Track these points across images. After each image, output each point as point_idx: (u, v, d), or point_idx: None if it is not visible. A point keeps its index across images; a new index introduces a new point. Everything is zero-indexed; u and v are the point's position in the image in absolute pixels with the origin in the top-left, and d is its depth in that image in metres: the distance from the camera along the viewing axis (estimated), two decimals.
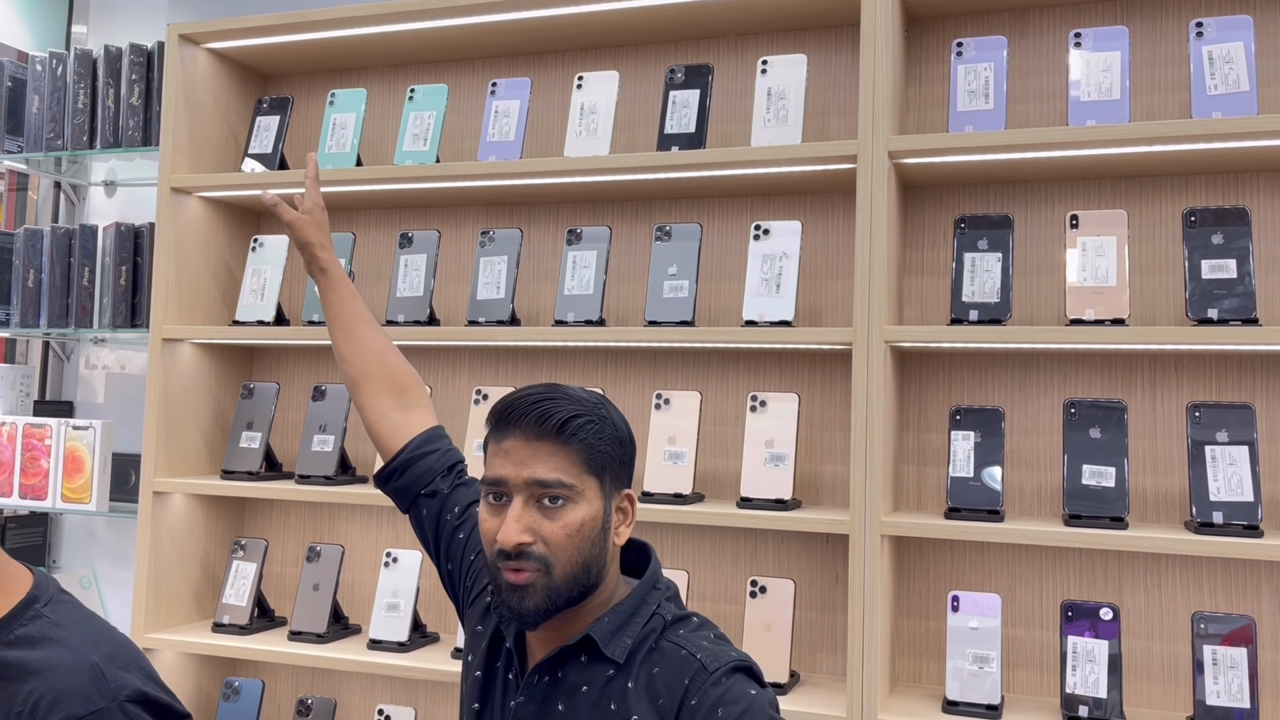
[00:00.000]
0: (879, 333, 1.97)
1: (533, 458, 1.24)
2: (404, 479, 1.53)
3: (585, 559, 1.25)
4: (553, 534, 1.23)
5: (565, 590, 1.24)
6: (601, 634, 1.28)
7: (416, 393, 1.59)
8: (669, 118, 2.25)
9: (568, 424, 1.25)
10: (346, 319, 1.60)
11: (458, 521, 1.49)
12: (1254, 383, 2.00)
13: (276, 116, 2.61)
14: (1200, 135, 1.85)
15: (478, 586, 1.46)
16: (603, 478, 1.27)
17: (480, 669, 1.39)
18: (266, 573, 2.57)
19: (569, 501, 1.24)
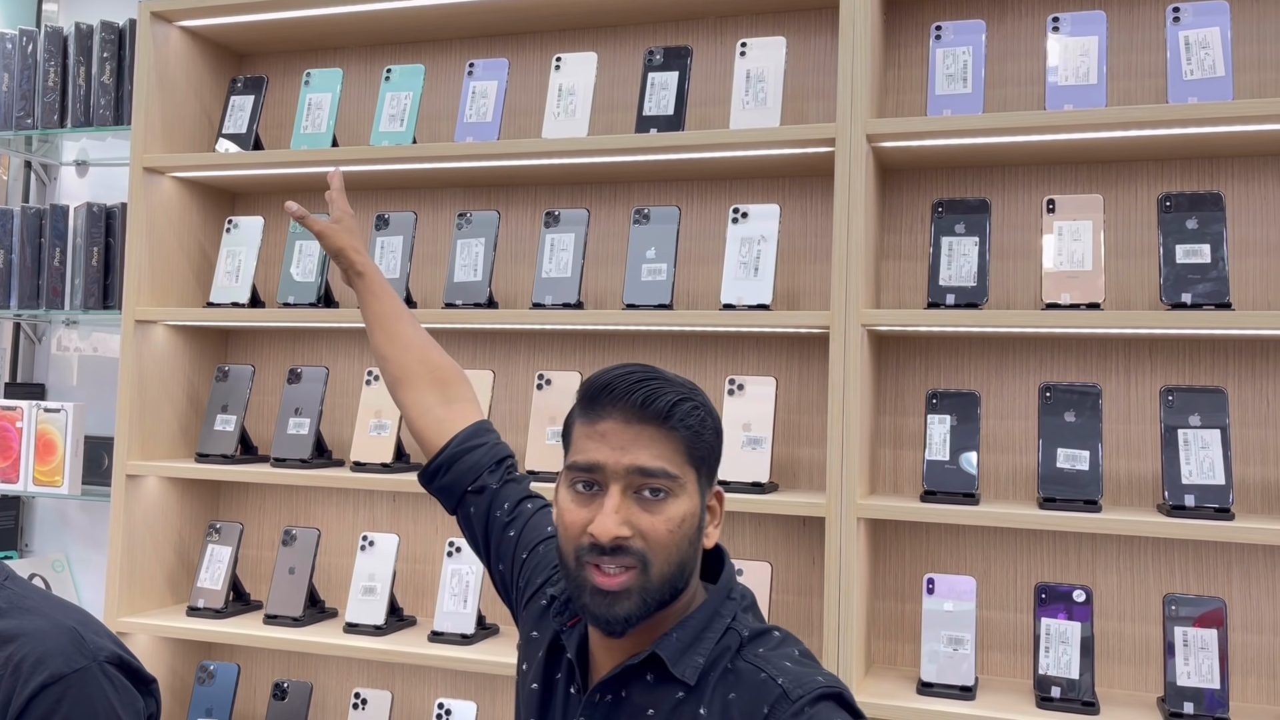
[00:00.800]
0: (856, 316, 1.98)
1: (634, 442, 1.12)
2: (449, 476, 1.42)
3: (681, 560, 1.13)
4: (653, 529, 1.11)
5: (659, 594, 1.12)
6: (670, 652, 1.14)
7: (460, 386, 1.51)
8: (647, 100, 2.23)
9: (676, 407, 1.13)
10: (387, 319, 1.53)
11: (508, 518, 1.39)
12: (1227, 367, 2.01)
13: (251, 96, 2.58)
14: (1176, 120, 1.85)
15: (531, 587, 1.34)
16: (701, 471, 1.16)
17: (538, 680, 1.26)
18: (242, 556, 2.56)
19: (671, 494, 1.12)
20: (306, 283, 2.46)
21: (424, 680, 2.46)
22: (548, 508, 1.39)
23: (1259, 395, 1.99)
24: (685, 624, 1.15)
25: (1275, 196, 2.01)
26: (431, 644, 2.23)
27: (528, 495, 1.42)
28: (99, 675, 1.19)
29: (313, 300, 2.44)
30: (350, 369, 2.62)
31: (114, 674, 1.21)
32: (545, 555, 1.35)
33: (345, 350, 2.64)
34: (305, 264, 2.47)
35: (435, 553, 2.48)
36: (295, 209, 1.57)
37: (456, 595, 2.28)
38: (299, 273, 2.48)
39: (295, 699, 2.37)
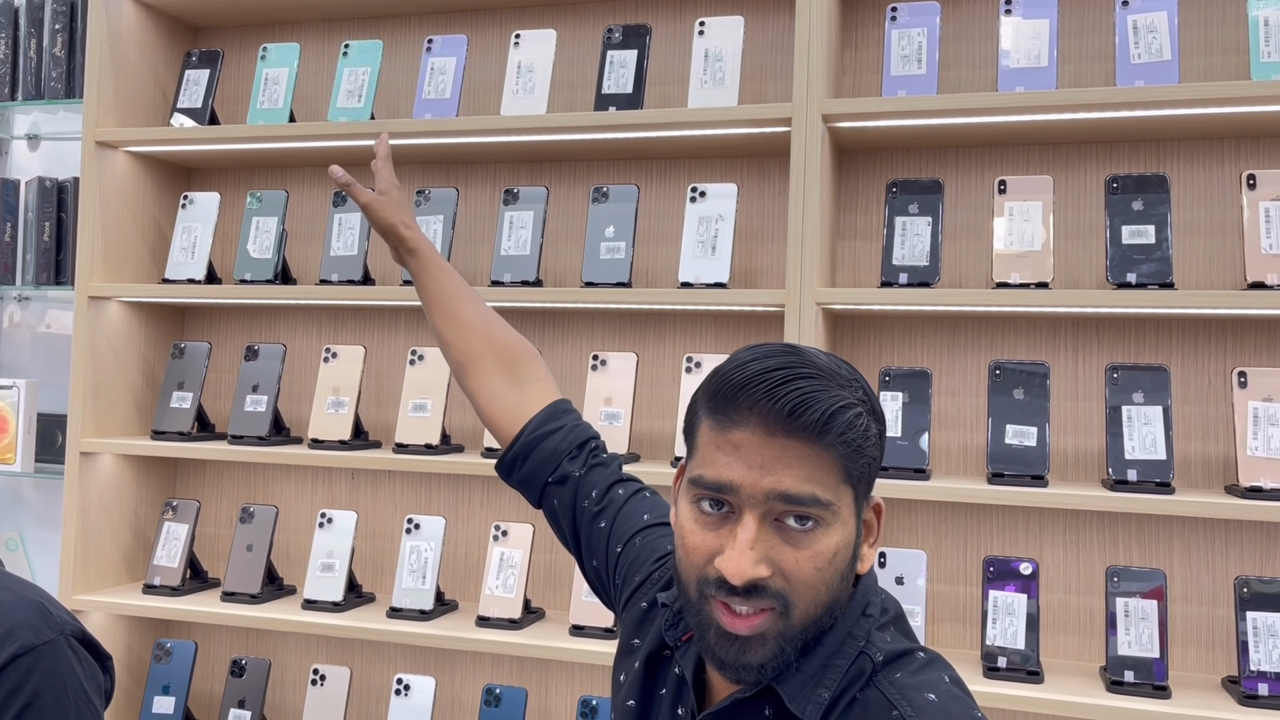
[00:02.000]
0: (811, 295, 2.00)
1: (777, 460, 0.90)
2: (527, 467, 1.27)
3: (831, 598, 0.93)
4: (797, 567, 0.91)
5: (800, 637, 0.93)
6: (789, 686, 0.95)
7: (531, 364, 1.35)
8: (606, 78, 2.24)
9: (833, 419, 0.90)
10: (445, 299, 1.37)
11: (597, 508, 1.22)
12: (1170, 345, 2.06)
13: (206, 70, 2.55)
14: (1123, 103, 1.89)
15: (630, 586, 1.17)
16: (859, 488, 0.95)
17: (635, 698, 1.09)
18: (199, 534, 2.55)
19: (821, 524, 0.91)
20: (263, 259, 2.45)
21: (383, 656, 2.47)
22: (642, 492, 1.25)
23: (1200, 373, 2.04)
24: (811, 653, 0.95)
25: (1218, 179, 2.05)
26: (390, 620, 2.24)
27: (618, 479, 1.25)
28: (65, 648, 1.19)
29: (270, 277, 2.43)
30: (308, 346, 2.61)
31: (78, 648, 1.22)
32: (644, 549, 1.18)
33: (303, 327, 2.62)
34: (262, 240, 2.46)
35: (394, 529, 2.48)
36: (341, 175, 1.42)
37: (415, 571, 2.28)
38: (256, 249, 2.46)
39: (253, 676, 2.38)
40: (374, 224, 1.41)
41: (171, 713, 2.37)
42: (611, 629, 2.14)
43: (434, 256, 1.41)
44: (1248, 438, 1.88)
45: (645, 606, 1.13)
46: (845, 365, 0.97)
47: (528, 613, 2.24)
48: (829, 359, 0.96)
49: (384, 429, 2.49)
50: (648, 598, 1.13)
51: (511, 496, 2.42)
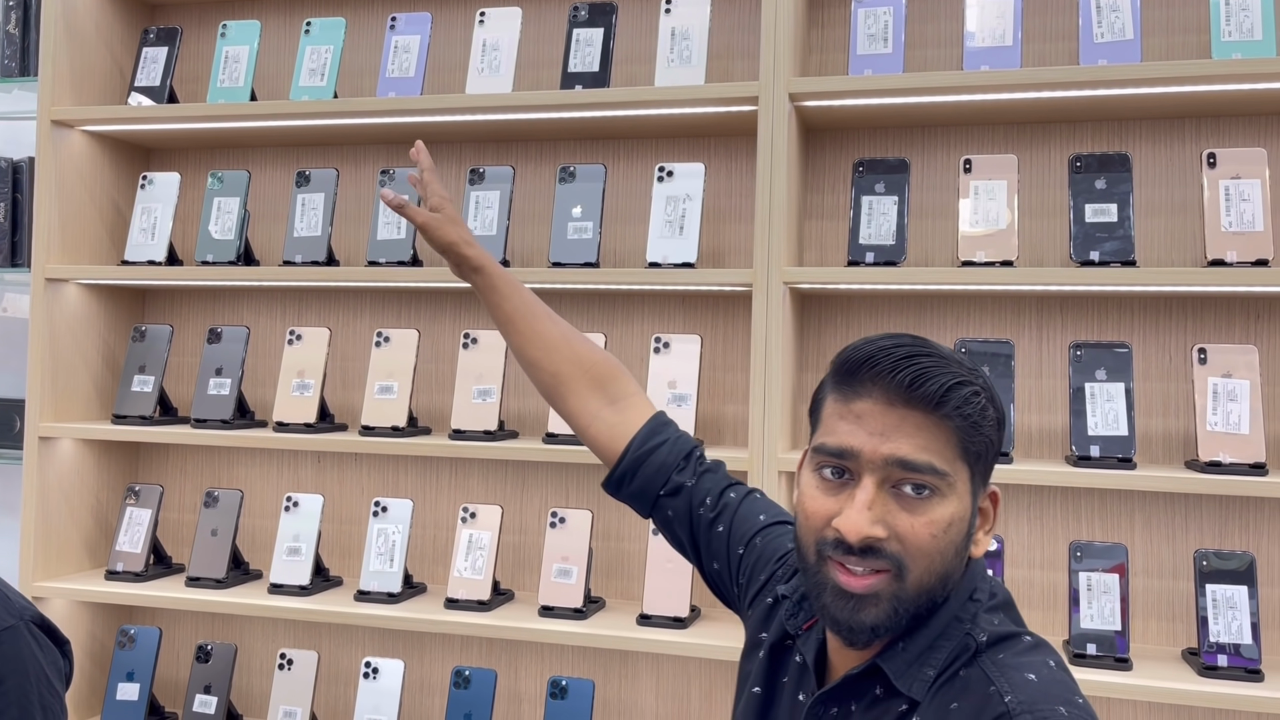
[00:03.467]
0: (778, 274, 2.00)
1: (897, 429, 0.95)
2: (636, 483, 1.29)
3: (944, 570, 0.97)
4: (912, 532, 0.95)
5: (913, 605, 0.97)
6: (895, 664, 0.99)
7: (622, 380, 1.34)
8: (572, 56, 2.22)
9: (951, 392, 0.95)
10: (520, 318, 1.34)
11: (713, 514, 1.26)
12: (1133, 322, 2.09)
13: (164, 48, 2.50)
14: (1085, 81, 1.90)
15: (755, 585, 1.21)
16: (975, 468, 0.99)
17: (760, 684, 1.14)
18: (162, 519, 2.52)
19: (937, 494, 0.96)
20: (226, 240, 2.41)
21: (351, 639, 2.46)
22: (754, 493, 1.29)
23: (1162, 350, 2.07)
24: (917, 632, 0.99)
25: (1180, 158, 2.08)
26: (358, 603, 2.23)
27: (729, 484, 1.29)
28: (25, 633, 1.19)
29: (232, 258, 2.40)
30: (272, 328, 2.58)
31: (38, 633, 1.22)
32: (765, 549, 1.22)
33: (266, 309, 2.59)
34: (224, 221, 2.42)
35: (361, 512, 2.47)
36: (392, 198, 1.36)
37: (383, 554, 2.27)
38: (218, 230, 2.42)
39: (219, 661, 2.35)
40: (432, 244, 1.35)
41: (136, 700, 2.34)
42: (581, 609, 2.14)
43: (501, 273, 1.36)
44: (1207, 413, 1.91)
45: (770, 602, 1.18)
46: (965, 357, 1.02)
47: (496, 594, 2.23)
48: (950, 351, 1.01)
49: (350, 411, 2.47)
50: (772, 594, 1.18)
51: (480, 478, 2.41)
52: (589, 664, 2.32)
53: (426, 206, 1.36)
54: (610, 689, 2.30)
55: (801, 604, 1.11)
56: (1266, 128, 2.03)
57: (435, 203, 1.35)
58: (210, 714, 2.31)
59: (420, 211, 1.34)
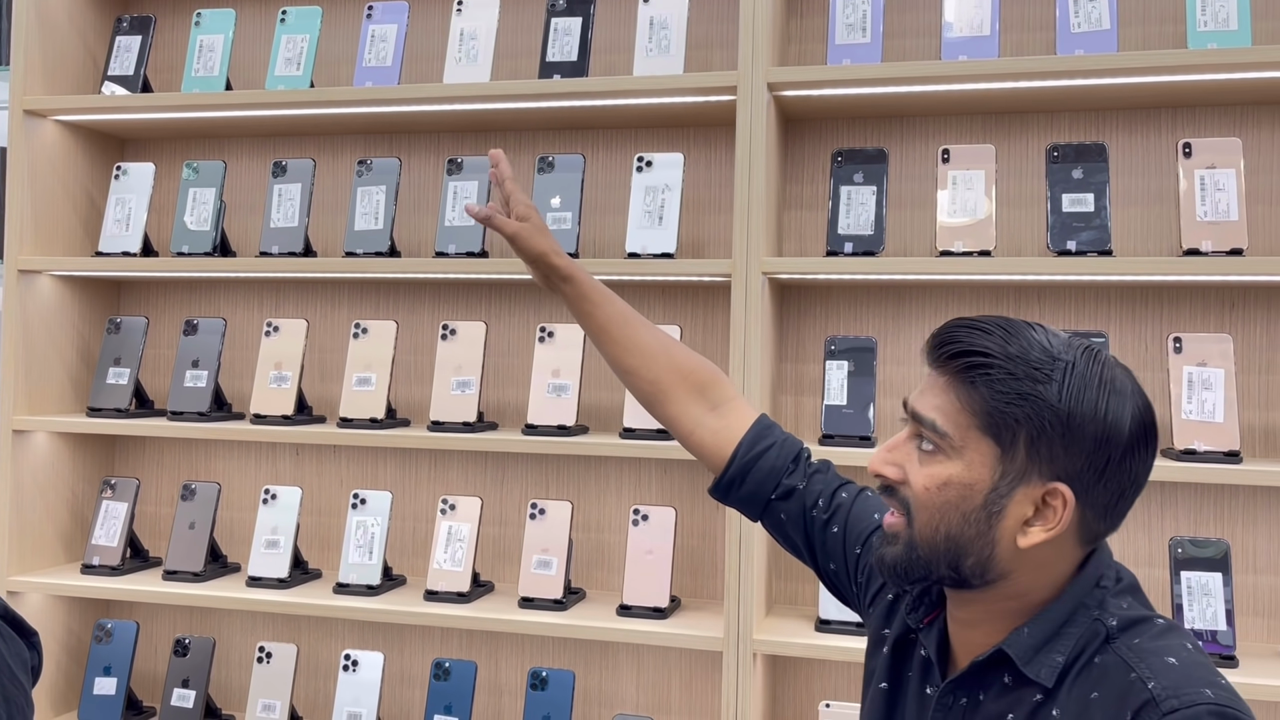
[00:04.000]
0: (757, 265, 2.00)
1: (930, 388, 1.02)
2: (745, 488, 1.29)
3: (948, 531, 1.00)
4: (915, 481, 1.02)
5: (926, 555, 1.02)
6: (1020, 648, 1.00)
7: (721, 385, 1.33)
8: (550, 46, 2.21)
9: (964, 359, 0.99)
10: (614, 327, 1.32)
11: (826, 515, 1.26)
12: (1109, 311, 2.10)
13: (138, 37, 2.47)
14: (1062, 71, 1.91)
15: (874, 582, 1.22)
16: (1006, 446, 0.98)
17: (885, 679, 1.15)
18: (139, 513, 2.50)
19: (940, 453, 1.01)
20: (201, 231, 2.39)
21: (330, 632, 2.45)
22: (865, 491, 1.27)
23: (1138, 339, 2.08)
24: (1041, 617, 1.00)
25: (1156, 147, 2.09)
26: (337, 595, 2.22)
27: (840, 484, 1.28)
28: None
29: (208, 249, 2.37)
30: (249, 320, 2.56)
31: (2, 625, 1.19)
32: None
33: (244, 301, 2.57)
34: (200, 212, 2.40)
35: (340, 505, 2.45)
36: (479, 210, 1.32)
37: (362, 547, 2.26)
38: (193, 221, 2.40)
39: (197, 655, 2.34)
40: (521, 255, 1.32)
41: (114, 694, 2.33)
42: (561, 600, 2.13)
43: (590, 282, 1.33)
44: (1182, 402, 1.92)
45: (891, 599, 1.19)
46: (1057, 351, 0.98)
47: (476, 586, 2.23)
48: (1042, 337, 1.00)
49: (328, 404, 2.45)
50: (893, 590, 1.18)
51: (459, 469, 2.40)
52: (569, 655, 2.31)
53: (513, 216, 1.32)
54: (591, 679, 2.30)
55: (922, 598, 1.12)
56: (1242, 117, 2.04)
57: (523, 211, 1.32)
58: (189, 708, 2.30)
59: (509, 222, 1.31)
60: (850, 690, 2.17)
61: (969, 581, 1.01)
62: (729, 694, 1.98)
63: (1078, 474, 0.97)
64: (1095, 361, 0.99)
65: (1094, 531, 1.01)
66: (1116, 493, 0.99)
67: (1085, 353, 0.99)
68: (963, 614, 1.06)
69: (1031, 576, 1.01)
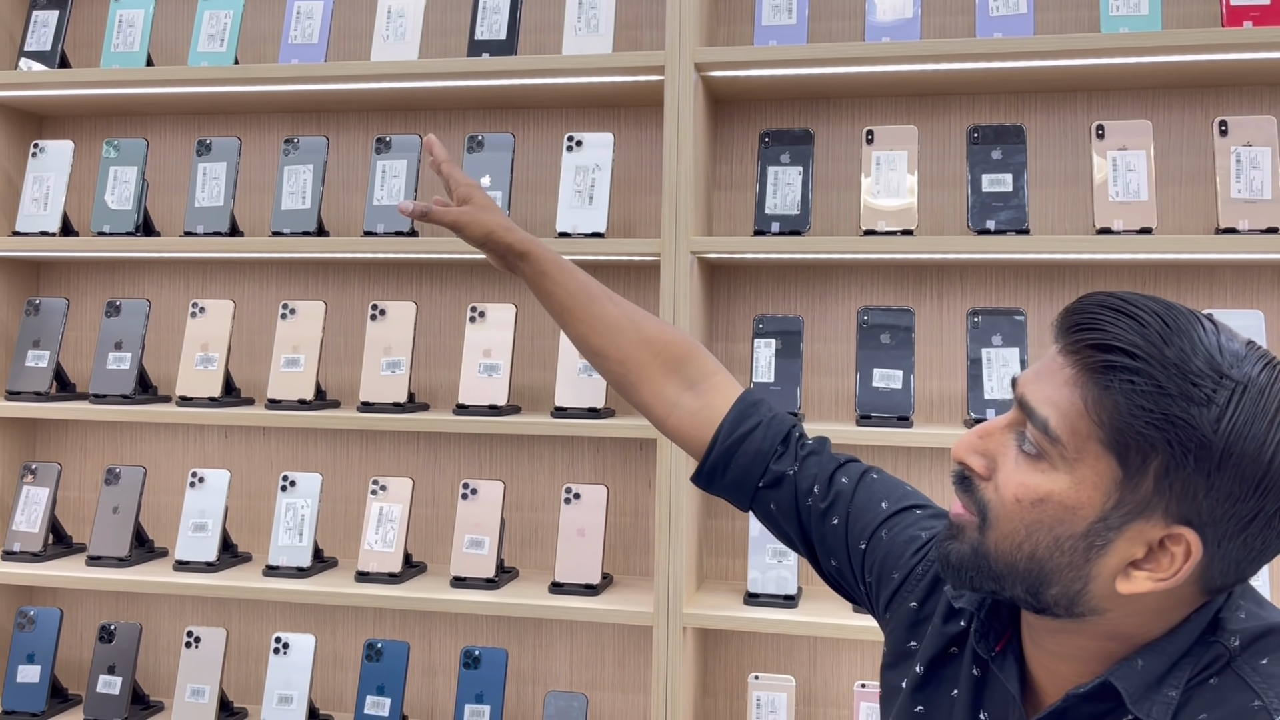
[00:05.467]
0: (685, 244, 2.02)
1: (1049, 375, 0.83)
2: (730, 475, 1.14)
3: (1031, 551, 0.83)
4: (1005, 482, 0.84)
5: (994, 568, 0.85)
6: (1132, 683, 0.83)
7: (698, 360, 1.18)
8: (479, 24, 2.20)
9: (1102, 353, 0.79)
10: (576, 305, 1.18)
11: (824, 504, 1.10)
12: (1028, 290, 2.15)
13: (55, 11, 2.41)
14: (981, 54, 1.95)
15: (889, 585, 1.06)
16: (1131, 471, 0.79)
17: (923, 703, 1.00)
18: (61, 498, 2.45)
19: (1044, 459, 0.82)
20: (123, 210, 2.35)
21: (260, 616, 2.43)
22: (869, 474, 1.12)
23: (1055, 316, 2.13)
24: (1157, 647, 0.84)
25: (1072, 129, 2.14)
26: (266, 578, 2.20)
27: (837, 465, 1.12)
28: None
29: (130, 229, 2.33)
30: (174, 301, 2.52)
31: None
32: (893, 543, 1.06)
33: (169, 282, 2.53)
34: (121, 191, 2.35)
35: (269, 488, 2.43)
36: (414, 207, 1.19)
37: (291, 529, 2.25)
38: (114, 200, 2.35)
39: (123, 640, 2.31)
40: (471, 240, 1.19)
41: (37, 682, 2.29)
42: (493, 579, 2.14)
43: (549, 256, 1.20)
44: None
45: (915, 607, 1.03)
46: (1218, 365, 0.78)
47: (408, 566, 2.23)
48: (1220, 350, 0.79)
49: (256, 385, 2.42)
50: (916, 596, 1.03)
51: (390, 450, 2.39)
52: (503, 633, 2.32)
53: (455, 199, 1.21)
54: (525, 657, 2.32)
55: (990, 621, 0.95)
56: (1153, 100, 2.11)
57: (463, 193, 1.20)
58: (115, 694, 2.27)
59: (447, 211, 1.18)
60: (778, 662, 2.21)
61: (1050, 610, 0.85)
62: (659, 668, 2.01)
63: (1213, 521, 0.79)
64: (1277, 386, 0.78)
65: (1220, 583, 0.82)
66: (1259, 548, 0.80)
67: (1267, 371, 0.79)
68: (1052, 645, 0.90)
69: (1134, 621, 0.84)
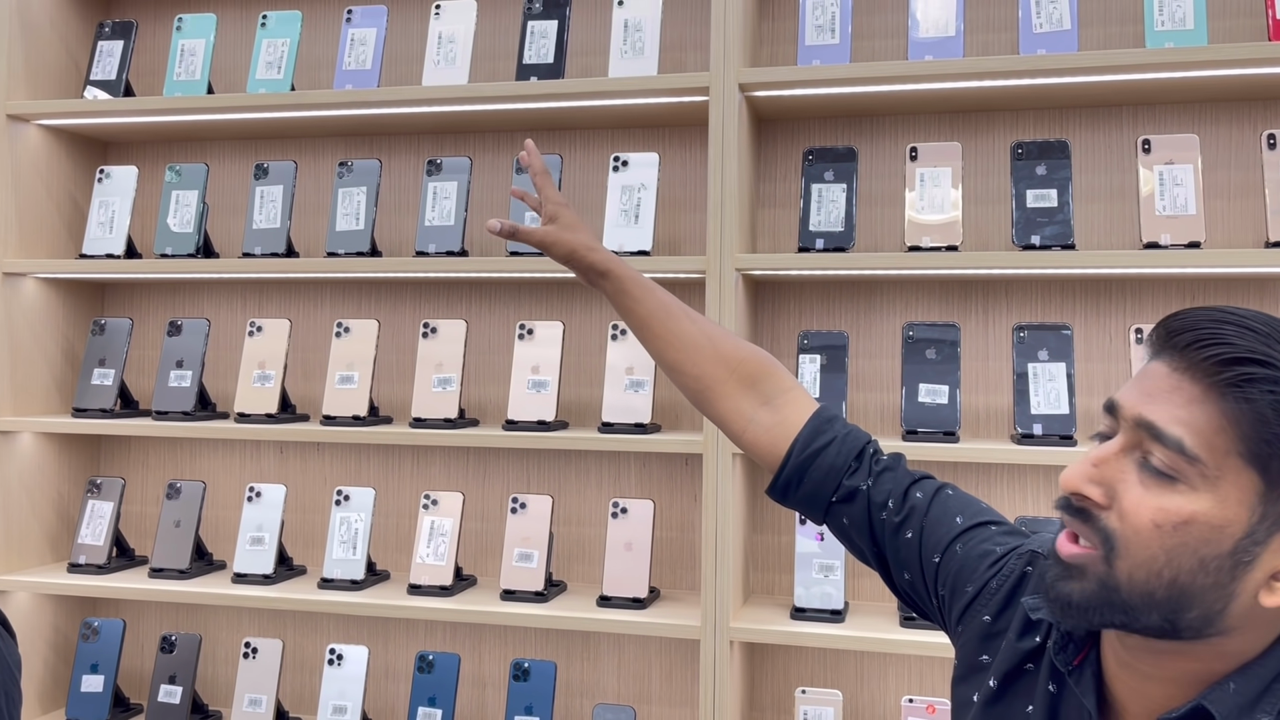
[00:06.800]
0: (730, 261, 2.05)
1: (1166, 395, 0.82)
2: (804, 490, 1.16)
3: (1174, 577, 0.81)
4: (1135, 510, 0.82)
5: (1127, 599, 0.83)
6: (1225, 707, 0.83)
7: (775, 376, 1.20)
8: (527, 48, 2.25)
9: (1235, 366, 0.79)
10: (655, 321, 1.23)
11: (898, 518, 1.11)
12: (1075, 305, 2.15)
13: (120, 41, 2.51)
14: (1024, 71, 1.96)
15: (962, 598, 1.05)
16: (1273, 480, 0.79)
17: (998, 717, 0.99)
18: (125, 512, 2.53)
19: (1182, 481, 0.80)
20: (184, 233, 2.43)
21: (315, 627, 2.48)
22: (944, 490, 1.13)
23: (1102, 331, 2.13)
24: (1249, 670, 0.83)
25: (1117, 144, 2.14)
26: (321, 590, 2.26)
27: (913, 481, 1.13)
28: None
29: (191, 251, 2.41)
30: (232, 320, 2.59)
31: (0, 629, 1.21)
32: (967, 556, 1.06)
33: (227, 302, 2.61)
34: (182, 214, 2.43)
35: (324, 501, 2.49)
36: (498, 226, 1.24)
37: (345, 542, 2.30)
38: (176, 223, 2.44)
39: (184, 651, 2.37)
40: (556, 257, 1.24)
41: (101, 691, 2.36)
42: (542, 593, 2.17)
43: (630, 275, 1.24)
44: None
45: (989, 620, 1.03)
46: None
47: (459, 579, 2.27)
48: None
49: (311, 402, 2.49)
50: (989, 610, 1.03)
51: (441, 465, 2.44)
52: (551, 646, 2.36)
53: (543, 216, 1.25)
54: (573, 670, 2.34)
55: (1070, 637, 0.94)
56: (1200, 114, 2.10)
57: (551, 210, 1.25)
58: (175, 704, 2.33)
59: (535, 230, 1.24)
60: (825, 676, 2.22)
61: (1180, 634, 0.83)
62: (707, 682, 2.03)
63: None
64: None
65: None
66: None
67: None
68: (1147, 666, 0.88)
69: (1257, 635, 0.84)
